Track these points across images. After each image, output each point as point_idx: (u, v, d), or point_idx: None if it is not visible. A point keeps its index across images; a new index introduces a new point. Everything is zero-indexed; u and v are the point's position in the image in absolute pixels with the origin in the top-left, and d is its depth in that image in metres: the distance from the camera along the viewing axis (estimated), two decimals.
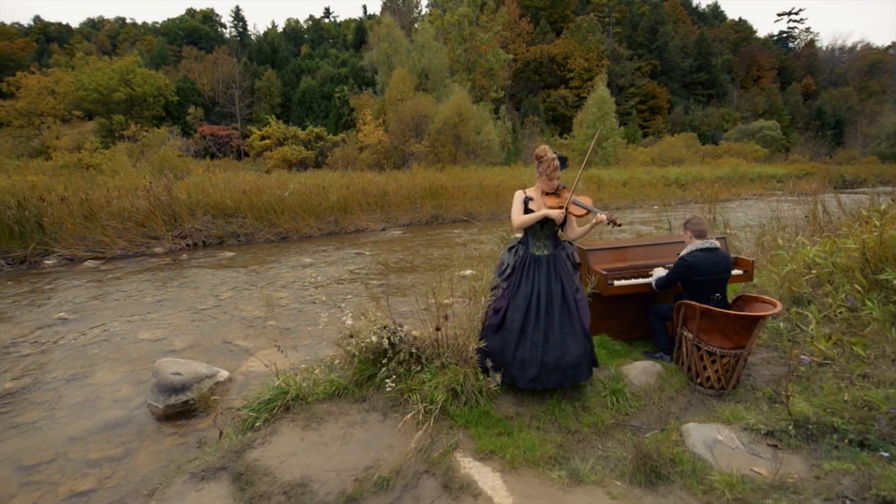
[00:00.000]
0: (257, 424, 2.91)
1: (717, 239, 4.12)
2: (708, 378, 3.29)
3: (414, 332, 3.32)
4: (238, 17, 65.95)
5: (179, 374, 3.53)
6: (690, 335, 3.36)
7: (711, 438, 2.63)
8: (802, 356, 2.77)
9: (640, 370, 3.51)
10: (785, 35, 73.54)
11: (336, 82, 45.00)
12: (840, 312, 3.64)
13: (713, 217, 6.47)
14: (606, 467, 2.46)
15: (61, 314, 5.68)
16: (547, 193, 3.22)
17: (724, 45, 62.27)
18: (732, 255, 4.03)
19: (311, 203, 12.55)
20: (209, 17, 68.20)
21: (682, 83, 56.49)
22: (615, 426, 2.95)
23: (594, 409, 3.06)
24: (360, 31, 60.06)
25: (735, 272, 3.86)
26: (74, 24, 72.88)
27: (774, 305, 3.24)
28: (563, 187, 3.31)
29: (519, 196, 3.16)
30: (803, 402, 2.75)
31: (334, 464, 2.54)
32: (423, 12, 50.64)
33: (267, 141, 27.13)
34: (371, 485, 2.39)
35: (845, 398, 2.71)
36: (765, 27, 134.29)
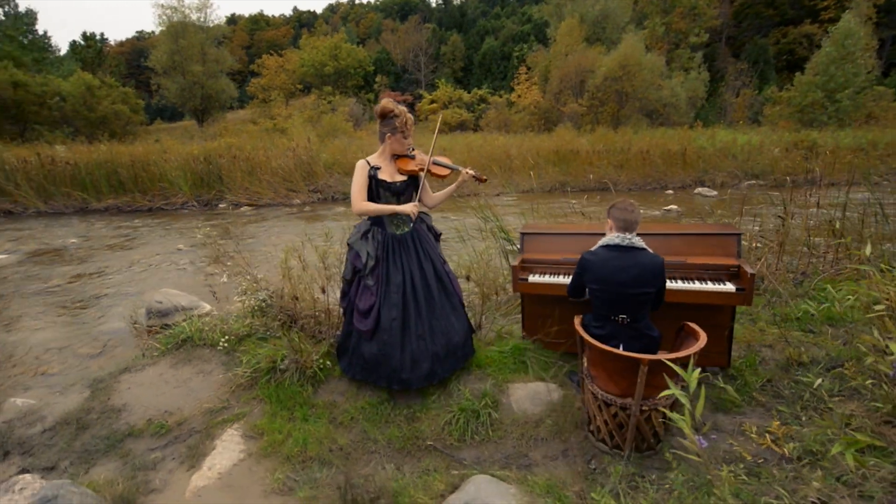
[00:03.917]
0: (155, 354, 3.42)
1: (704, 236, 2.83)
2: (598, 429, 2.39)
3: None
4: None
5: (161, 302, 4.33)
6: (586, 363, 2.47)
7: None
8: (699, 437, 1.74)
9: (529, 393, 2.78)
10: None
11: (517, 41, 44.08)
12: (876, 384, 2.13)
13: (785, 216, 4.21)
14: (317, 488, 2.11)
15: (180, 246, 7.45)
16: (399, 157, 2.71)
17: None
18: (734, 262, 2.70)
19: None
20: None
21: None
22: (430, 450, 2.44)
23: (421, 422, 2.59)
24: None
25: (722, 288, 2.60)
26: (319, 10, 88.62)
27: (698, 339, 2.13)
28: (415, 148, 2.75)
29: (361, 168, 2.62)
30: None
31: (154, 402, 2.84)
32: None
33: (434, 105, 28.75)
34: (154, 426, 2.61)
35: None
36: None
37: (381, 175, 2.67)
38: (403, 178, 2.72)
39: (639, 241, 2.31)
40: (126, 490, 2.06)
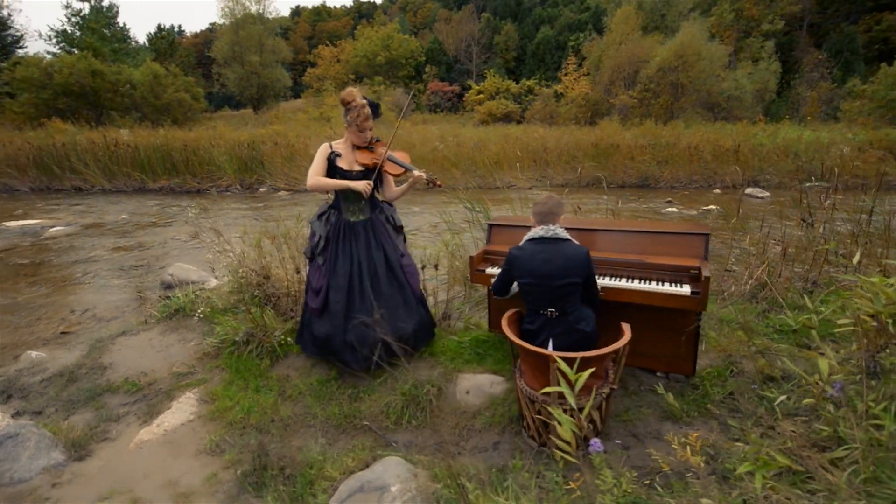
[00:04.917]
0: (152, 322, 3.74)
1: (670, 234, 2.68)
2: (528, 425, 2.37)
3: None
4: None
5: (172, 275, 4.70)
6: (519, 358, 2.44)
7: (374, 486, 2.00)
8: (594, 440, 1.68)
9: (474, 385, 2.79)
10: None
11: (573, 30, 42.56)
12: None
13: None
14: (244, 453, 2.24)
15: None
16: (359, 148, 2.78)
17: None
18: (696, 263, 2.55)
19: (460, 156, 13.00)
20: None
21: None
22: (366, 430, 2.52)
23: (363, 402, 2.68)
24: None
25: (674, 290, 2.46)
26: (378, 0, 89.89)
27: (622, 337, 2.06)
28: (378, 140, 2.80)
29: (323, 150, 2.76)
30: None
31: (136, 363, 3.12)
32: None
33: (481, 96, 28.49)
34: (128, 384, 2.88)
35: None
36: None
37: (340, 162, 2.76)
38: (360, 168, 2.79)
39: (562, 232, 2.27)
40: (81, 436, 2.31)
